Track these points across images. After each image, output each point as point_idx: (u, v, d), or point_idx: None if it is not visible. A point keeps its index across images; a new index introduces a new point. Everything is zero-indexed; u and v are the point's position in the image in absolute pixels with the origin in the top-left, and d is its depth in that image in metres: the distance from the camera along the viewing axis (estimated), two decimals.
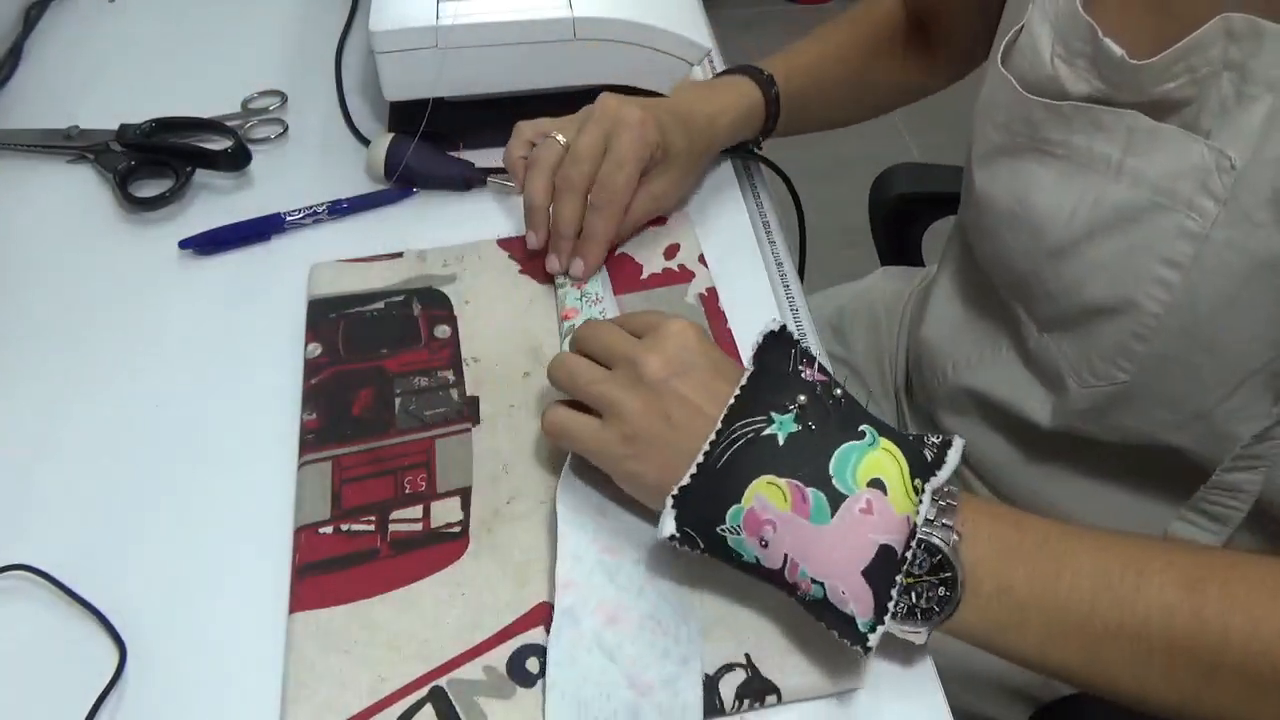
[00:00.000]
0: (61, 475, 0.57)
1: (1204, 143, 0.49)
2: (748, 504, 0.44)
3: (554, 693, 0.45)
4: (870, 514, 0.43)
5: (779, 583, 0.45)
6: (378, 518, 0.52)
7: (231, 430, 0.58)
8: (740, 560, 0.46)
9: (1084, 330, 0.58)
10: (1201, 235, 0.50)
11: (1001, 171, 0.60)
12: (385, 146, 0.72)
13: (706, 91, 0.72)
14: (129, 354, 0.63)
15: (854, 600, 0.43)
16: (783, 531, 0.43)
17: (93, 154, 0.76)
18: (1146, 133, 0.51)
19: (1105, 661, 0.43)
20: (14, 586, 0.52)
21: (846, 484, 0.44)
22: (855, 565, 0.43)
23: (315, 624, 0.48)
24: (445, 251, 0.67)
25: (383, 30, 0.69)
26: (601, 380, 0.50)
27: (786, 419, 0.46)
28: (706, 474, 0.46)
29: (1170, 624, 0.42)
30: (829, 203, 0.82)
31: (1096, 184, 0.54)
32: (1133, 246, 0.53)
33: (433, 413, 0.57)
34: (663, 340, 0.50)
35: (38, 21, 0.91)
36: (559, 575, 0.48)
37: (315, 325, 0.62)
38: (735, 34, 2.50)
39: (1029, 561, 0.44)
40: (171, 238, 0.69)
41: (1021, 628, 0.44)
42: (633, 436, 0.48)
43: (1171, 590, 0.42)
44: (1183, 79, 0.49)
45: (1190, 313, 0.52)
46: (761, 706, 0.46)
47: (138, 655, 0.49)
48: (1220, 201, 0.49)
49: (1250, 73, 0.47)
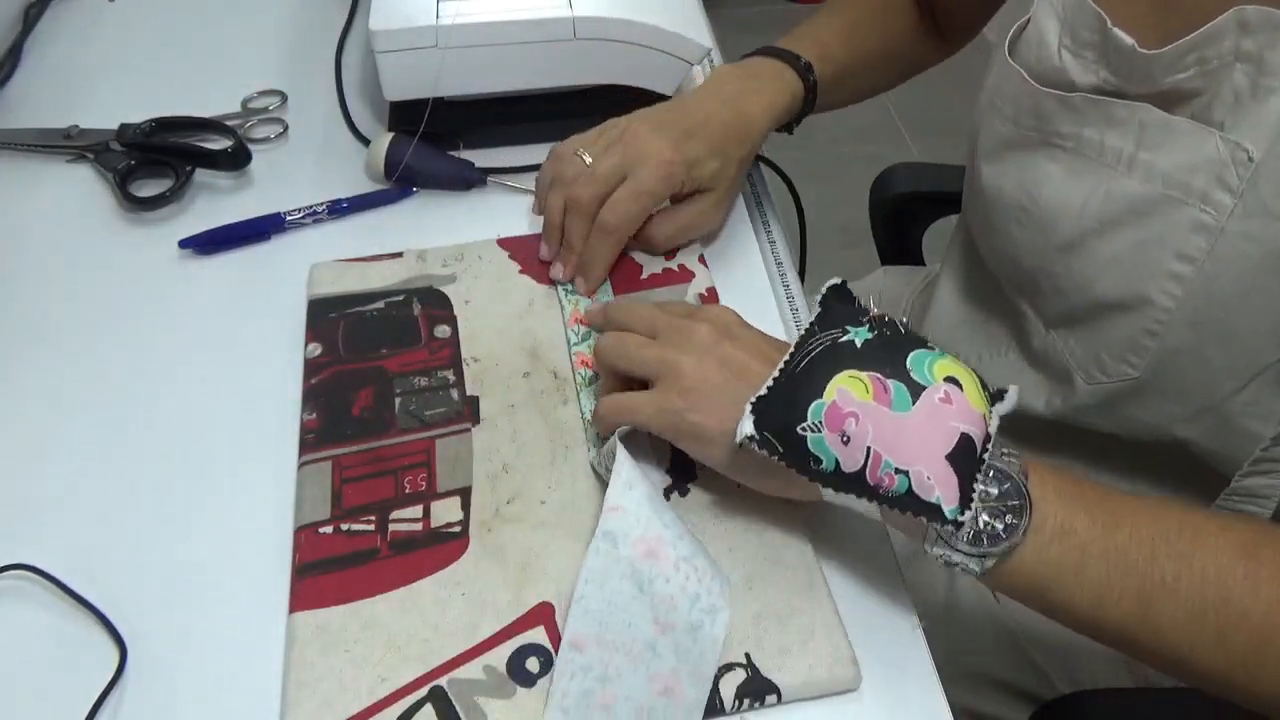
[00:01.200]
0: (61, 475, 0.57)
1: (1219, 135, 0.49)
2: (829, 398, 0.44)
3: (578, 607, 0.45)
4: (950, 404, 0.43)
5: (859, 487, 0.44)
6: (378, 517, 0.52)
7: (231, 430, 0.58)
8: (818, 466, 0.44)
9: (1094, 326, 0.57)
10: (1216, 229, 0.50)
11: (1010, 166, 0.59)
12: (385, 146, 0.72)
13: (748, 86, 0.68)
14: (129, 354, 0.63)
15: (940, 486, 0.42)
16: (865, 423, 0.43)
17: (93, 154, 0.76)
18: (1159, 126, 0.51)
19: (1158, 617, 0.42)
20: (14, 586, 0.52)
21: (925, 377, 0.44)
22: (939, 450, 0.42)
23: (315, 624, 0.48)
24: (445, 251, 0.67)
25: (383, 30, 0.69)
26: (654, 345, 0.51)
27: (861, 330, 0.46)
28: (785, 380, 0.46)
29: (1226, 585, 0.41)
30: (829, 203, 0.81)
31: (1107, 177, 0.53)
32: (1145, 241, 0.53)
33: (433, 413, 0.57)
34: (708, 313, 0.52)
35: (38, 21, 0.91)
36: (609, 498, 0.48)
37: (315, 325, 0.62)
38: (735, 34, 2.49)
39: (1090, 509, 0.44)
40: (171, 237, 0.69)
41: (1080, 573, 0.43)
42: (690, 389, 0.48)
43: (1227, 554, 0.42)
44: (1193, 70, 0.49)
45: (1203, 307, 0.52)
46: (761, 706, 0.46)
47: (138, 655, 0.49)
48: (1236, 194, 0.49)
49: (1267, 64, 0.47)
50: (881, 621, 0.49)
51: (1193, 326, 0.53)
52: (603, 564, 0.46)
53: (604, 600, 0.45)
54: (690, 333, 0.50)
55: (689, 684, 0.44)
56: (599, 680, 0.44)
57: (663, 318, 0.53)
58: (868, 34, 0.76)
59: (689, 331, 0.50)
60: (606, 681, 0.44)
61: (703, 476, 0.54)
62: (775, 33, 0.73)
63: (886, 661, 0.48)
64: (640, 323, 0.53)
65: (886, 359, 0.44)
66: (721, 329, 0.50)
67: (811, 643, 0.47)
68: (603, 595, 0.46)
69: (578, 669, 0.45)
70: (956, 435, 0.42)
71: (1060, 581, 0.43)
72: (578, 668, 0.45)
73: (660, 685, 0.44)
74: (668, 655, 0.44)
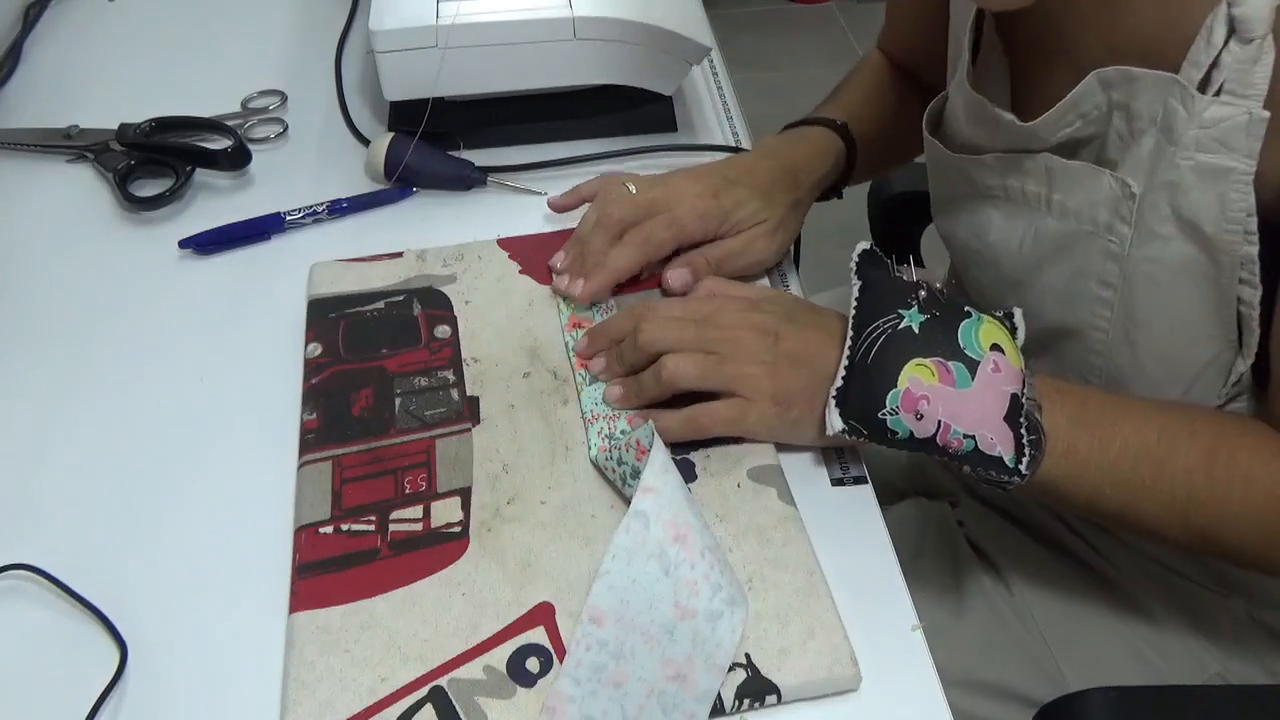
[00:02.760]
0: (62, 475, 0.57)
1: (1109, 174, 0.56)
2: (903, 385, 0.51)
3: (602, 582, 0.45)
4: (999, 372, 0.51)
5: (930, 449, 0.51)
6: (378, 517, 0.52)
7: (231, 430, 0.58)
8: (894, 437, 0.52)
9: (1052, 352, 0.65)
10: (1123, 254, 0.57)
11: (958, 214, 0.68)
12: (385, 146, 0.72)
13: (791, 142, 0.72)
14: (129, 354, 0.63)
15: (1000, 443, 0.50)
16: (935, 402, 0.50)
17: (92, 154, 0.76)
18: (1061, 171, 0.59)
19: (1138, 510, 0.54)
20: (14, 586, 0.52)
21: (976, 351, 0.51)
22: (997, 414, 0.50)
23: (315, 624, 0.48)
24: (445, 251, 0.67)
25: (383, 30, 0.69)
26: (724, 362, 0.54)
27: (913, 312, 0.52)
28: (856, 372, 0.52)
29: (1191, 483, 0.53)
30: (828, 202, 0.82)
31: (1035, 218, 0.61)
32: (1075, 272, 0.60)
33: (433, 413, 0.57)
34: (734, 319, 0.56)
35: (37, 21, 0.91)
36: (644, 479, 0.48)
37: (315, 325, 0.62)
38: (735, 34, 2.50)
39: (1090, 427, 0.53)
40: (171, 237, 0.69)
41: (1079, 481, 0.53)
42: (777, 394, 0.54)
43: (1194, 455, 0.53)
44: (1078, 123, 0.57)
45: (1132, 326, 0.59)
46: (761, 706, 0.46)
47: (138, 655, 0.49)
48: (1130, 224, 0.56)
49: (1134, 111, 0.54)
50: (881, 621, 0.49)
51: (1129, 345, 0.60)
52: (631, 542, 0.46)
53: (628, 578, 0.46)
54: (743, 344, 0.55)
55: (702, 672, 0.45)
56: (613, 656, 0.45)
57: (709, 332, 0.55)
58: (880, 106, 0.80)
59: (741, 343, 0.55)
60: (620, 659, 0.45)
61: (703, 476, 0.54)
62: (775, 33, 0.74)
63: (886, 661, 0.48)
64: (675, 339, 0.56)
65: (944, 340, 0.51)
66: (760, 329, 0.55)
67: (811, 643, 0.47)
68: (628, 573, 0.46)
69: (594, 642, 0.45)
70: (1008, 398, 0.51)
71: (1062, 489, 0.54)
72: (594, 641, 0.45)
73: (673, 670, 0.44)
74: (684, 641, 0.45)
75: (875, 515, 0.54)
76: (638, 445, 0.51)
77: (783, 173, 0.68)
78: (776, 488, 0.53)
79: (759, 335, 0.55)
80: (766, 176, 0.67)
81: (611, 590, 0.45)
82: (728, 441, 0.55)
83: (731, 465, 0.54)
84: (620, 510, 0.52)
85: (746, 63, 2.31)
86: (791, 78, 2.33)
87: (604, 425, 0.56)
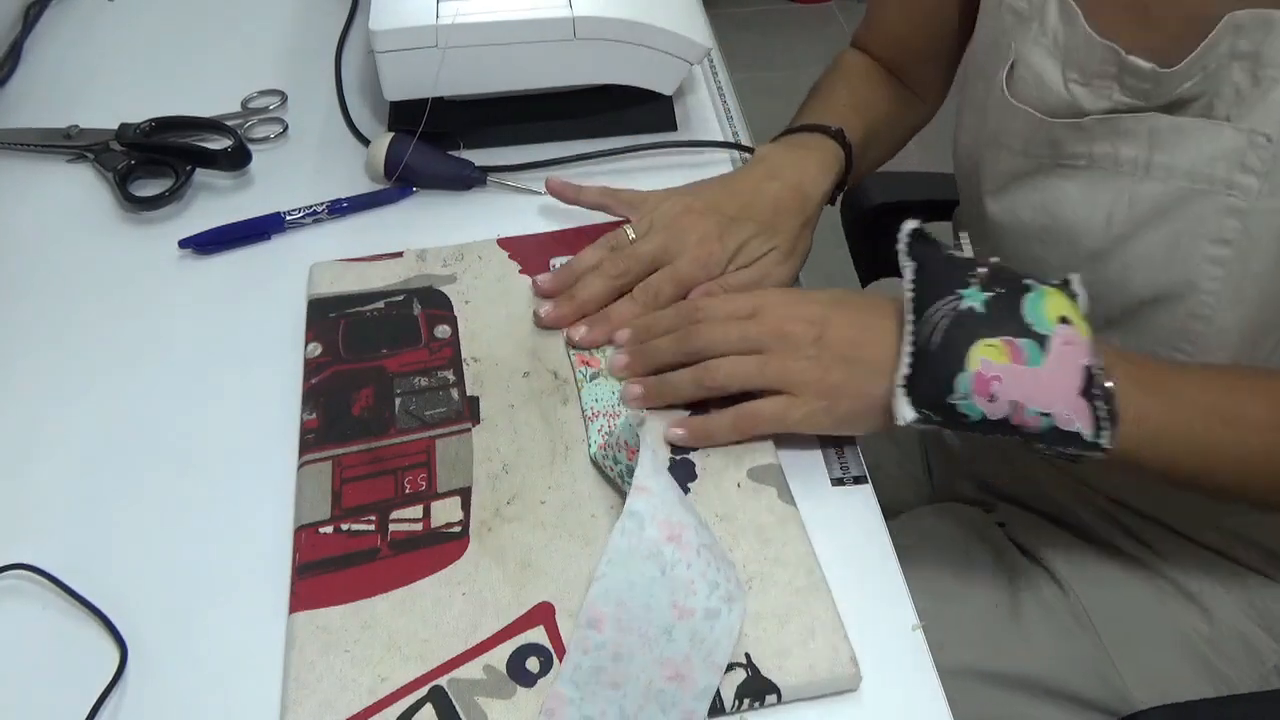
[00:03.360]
0: (62, 475, 0.57)
1: (1231, 126, 0.54)
2: (973, 368, 0.49)
3: (598, 585, 0.45)
4: (1071, 345, 0.50)
5: (1003, 429, 0.50)
6: (378, 517, 0.52)
7: (231, 430, 0.58)
8: (966, 420, 0.50)
9: (1138, 322, 0.62)
10: (1246, 209, 0.55)
11: (1025, 193, 0.65)
12: (385, 146, 0.72)
13: (796, 156, 0.69)
14: (129, 354, 0.63)
15: (1078, 418, 0.49)
16: (1008, 382, 0.49)
17: (92, 153, 0.76)
18: (1169, 129, 0.56)
19: (1214, 471, 0.54)
20: (14, 586, 0.52)
21: (1044, 326, 0.50)
22: (1073, 390, 0.49)
23: (315, 624, 0.48)
24: (445, 251, 0.67)
25: (383, 30, 0.69)
26: (769, 360, 0.54)
27: (974, 290, 0.51)
28: (923, 356, 0.51)
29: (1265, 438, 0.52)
30: None
31: (1127, 185, 0.59)
32: (1178, 234, 0.58)
33: (433, 413, 0.57)
34: (778, 311, 0.55)
35: (37, 21, 0.91)
36: (637, 478, 0.48)
37: (315, 325, 0.62)
38: (735, 34, 2.50)
39: (1160, 393, 0.52)
40: (171, 237, 0.69)
41: (1154, 447, 0.52)
42: (823, 389, 0.53)
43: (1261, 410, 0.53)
44: (1198, 77, 0.54)
45: (1246, 282, 0.57)
46: (761, 706, 0.46)
47: (138, 655, 0.49)
48: (1261, 175, 0.54)
49: (1265, 58, 0.52)
50: (881, 621, 0.49)
51: (1239, 304, 0.58)
52: (627, 543, 0.46)
53: (625, 580, 0.45)
54: (790, 338, 0.54)
55: (701, 671, 0.45)
56: (611, 659, 0.45)
57: (752, 328, 0.55)
58: (867, 105, 0.78)
59: (788, 337, 0.54)
60: (618, 661, 0.45)
61: (703, 476, 0.54)
62: (775, 32, 0.74)
63: (886, 661, 0.48)
64: (728, 341, 0.55)
65: (1010, 317, 0.50)
66: (807, 320, 0.54)
67: (811, 643, 0.47)
68: (625, 575, 0.45)
69: (592, 646, 0.45)
70: (1083, 372, 0.49)
71: (1137, 457, 0.52)
72: (592, 644, 0.45)
73: (671, 670, 0.44)
74: (682, 641, 0.45)
75: (875, 515, 0.54)
76: (627, 446, 0.51)
77: (789, 195, 0.66)
78: (776, 487, 0.53)
79: (806, 326, 0.54)
80: (770, 205, 0.65)
81: (608, 594, 0.45)
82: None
83: (731, 465, 0.54)
84: (620, 511, 0.52)
85: (746, 62, 2.30)
86: (791, 77, 2.31)
87: (604, 423, 0.56)
